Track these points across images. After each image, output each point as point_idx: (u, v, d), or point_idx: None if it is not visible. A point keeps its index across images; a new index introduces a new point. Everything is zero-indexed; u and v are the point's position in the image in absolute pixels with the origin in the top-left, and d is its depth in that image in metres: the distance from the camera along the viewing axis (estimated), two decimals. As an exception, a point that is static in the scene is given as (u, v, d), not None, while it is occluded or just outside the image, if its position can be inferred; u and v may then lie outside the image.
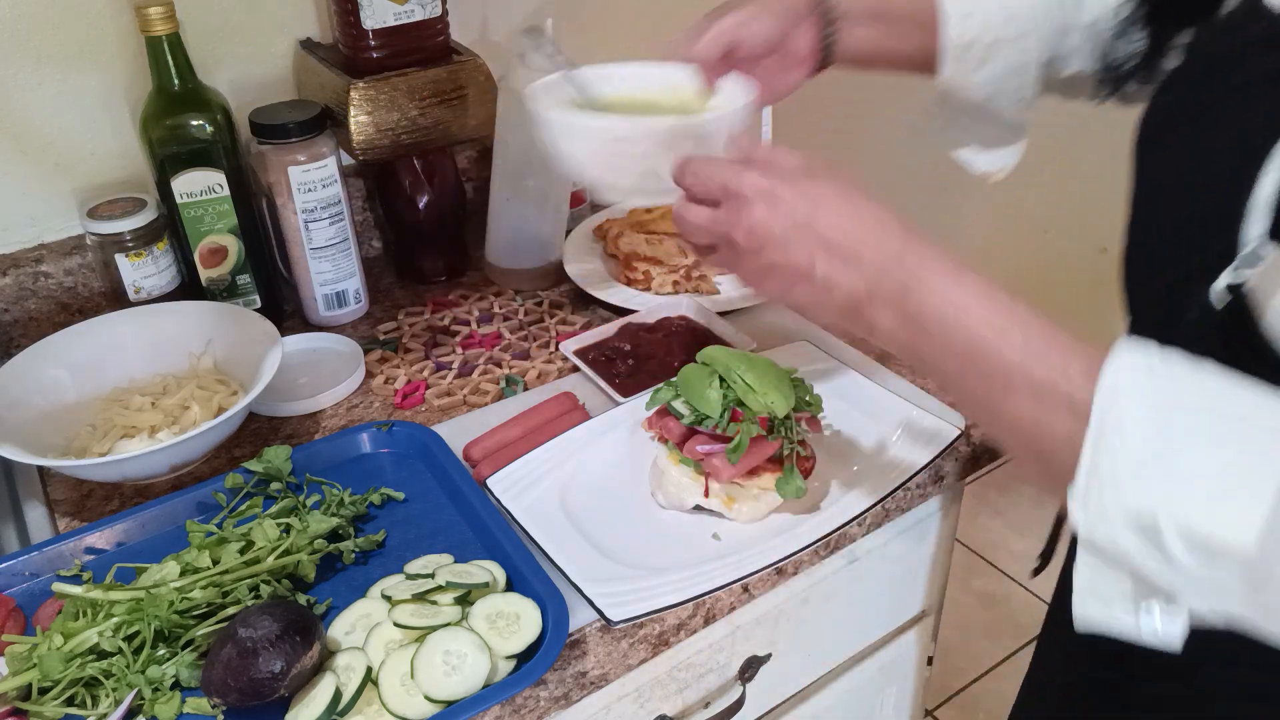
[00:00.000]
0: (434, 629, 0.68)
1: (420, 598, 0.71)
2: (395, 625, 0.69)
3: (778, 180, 0.62)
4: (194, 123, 0.97)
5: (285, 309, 1.12)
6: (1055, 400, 0.51)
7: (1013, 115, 0.84)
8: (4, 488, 0.92)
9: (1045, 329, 0.53)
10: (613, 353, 1.00)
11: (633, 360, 0.99)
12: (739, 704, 0.87)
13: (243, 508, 0.81)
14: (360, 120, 1.02)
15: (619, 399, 0.94)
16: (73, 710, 0.65)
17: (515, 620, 0.69)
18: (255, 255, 1.05)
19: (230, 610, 0.70)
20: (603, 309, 1.11)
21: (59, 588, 0.71)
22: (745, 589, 0.78)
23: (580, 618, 0.73)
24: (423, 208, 1.15)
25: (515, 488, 0.82)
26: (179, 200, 0.99)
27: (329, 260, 1.06)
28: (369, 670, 0.67)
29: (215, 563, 0.73)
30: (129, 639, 0.68)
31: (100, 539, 0.80)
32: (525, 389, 0.99)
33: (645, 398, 0.84)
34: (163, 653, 0.68)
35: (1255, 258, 0.51)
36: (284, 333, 0.96)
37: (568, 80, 0.78)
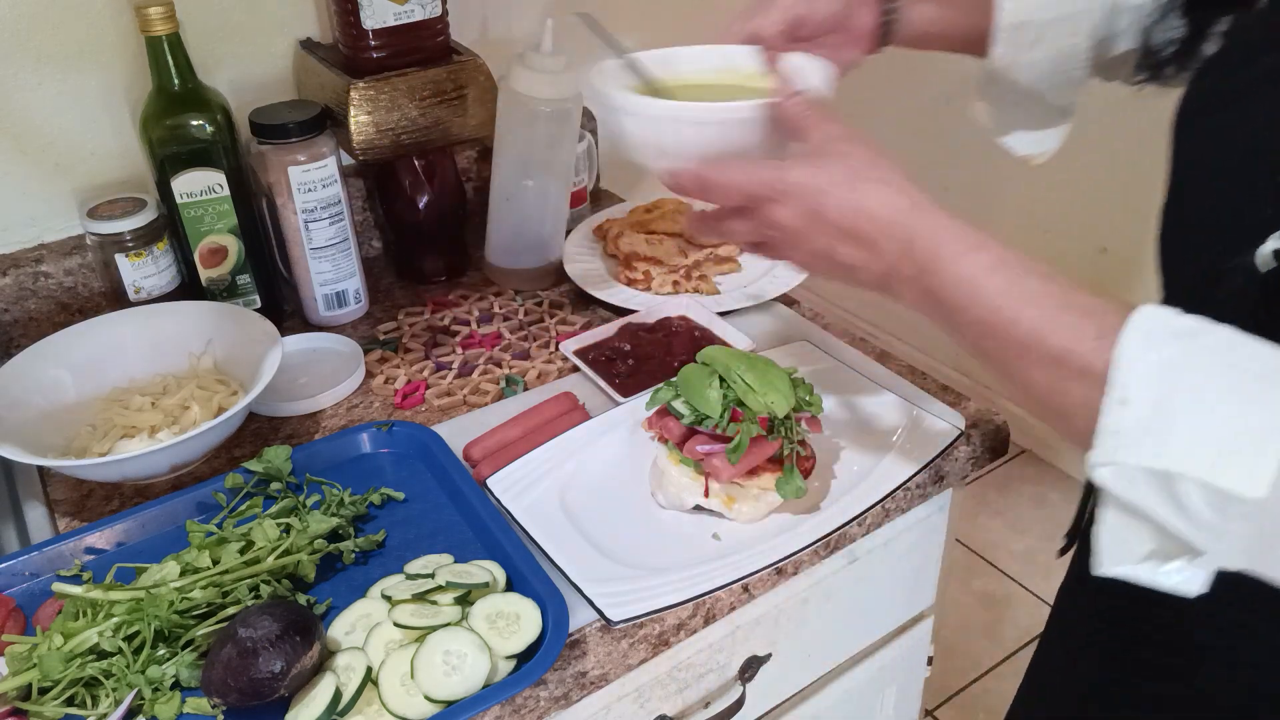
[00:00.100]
0: (434, 629, 0.68)
1: (420, 598, 0.71)
2: (395, 625, 0.69)
3: (786, 172, 0.63)
4: (194, 123, 0.97)
5: (285, 309, 1.12)
6: (1071, 367, 0.53)
7: (1061, 97, 0.83)
8: (4, 488, 0.92)
9: (1060, 294, 0.55)
10: (613, 353, 1.00)
11: (633, 360, 0.99)
12: (739, 704, 0.87)
13: (243, 508, 0.81)
14: (360, 120, 1.02)
15: (619, 399, 0.94)
16: (73, 710, 0.65)
17: (515, 620, 0.69)
18: (255, 255, 1.05)
19: (230, 610, 0.70)
20: (603, 309, 1.11)
21: (59, 588, 0.71)
22: (745, 589, 0.78)
23: (580, 618, 0.73)
24: (423, 208, 1.15)
25: (515, 488, 0.82)
26: (179, 200, 0.99)
27: (329, 260, 1.06)
28: (369, 670, 0.67)
29: (215, 563, 0.73)
30: (129, 639, 0.68)
31: (100, 539, 0.80)
32: (525, 389, 0.99)
33: (645, 398, 0.84)
34: (163, 653, 0.68)
35: None
36: (284, 333, 0.96)
37: (628, 65, 0.76)
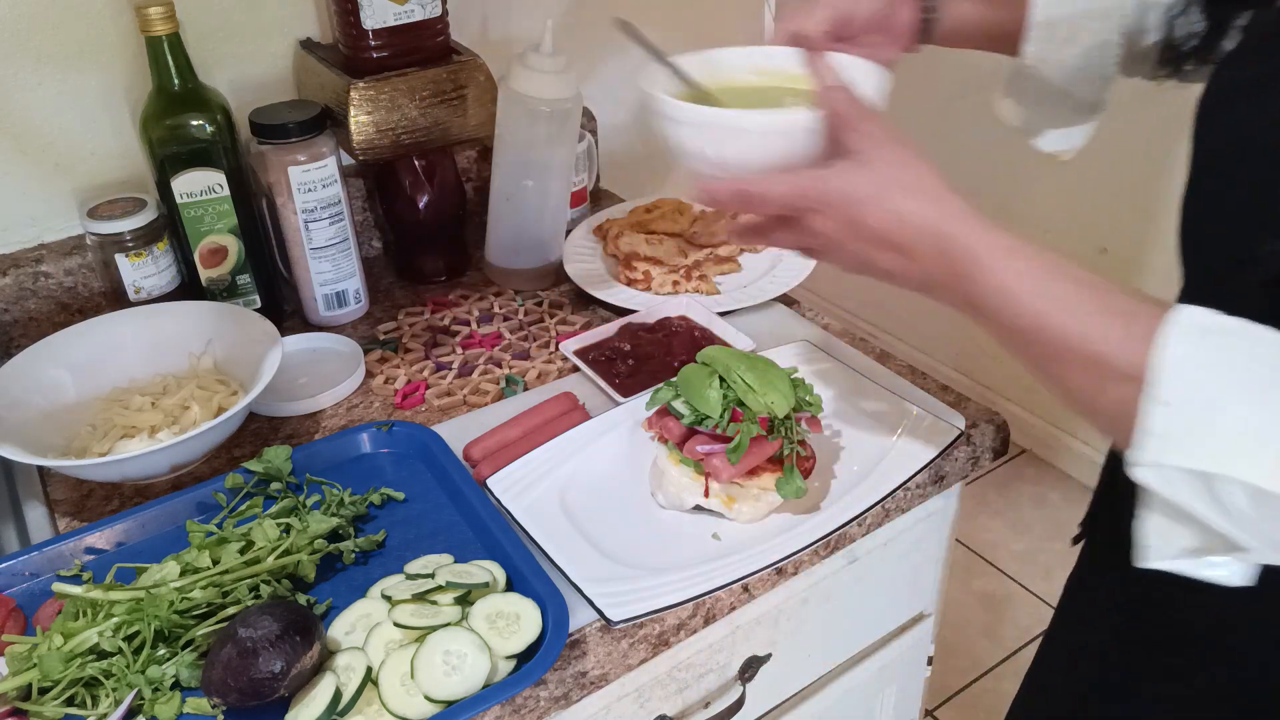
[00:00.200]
0: (434, 629, 0.68)
1: (420, 598, 0.71)
2: (395, 625, 0.69)
3: (825, 182, 0.63)
4: (194, 123, 0.97)
5: (285, 309, 1.12)
6: (1108, 370, 0.53)
7: (1091, 93, 0.83)
8: (4, 488, 0.92)
9: (1096, 298, 0.55)
10: (613, 353, 1.00)
11: (633, 360, 0.99)
12: (739, 704, 0.87)
13: (243, 508, 0.81)
14: (360, 120, 1.02)
15: (619, 399, 0.94)
16: (73, 710, 0.65)
17: (515, 620, 0.69)
18: (255, 255, 1.05)
19: (230, 610, 0.70)
20: (603, 309, 1.11)
21: (59, 588, 0.71)
22: (745, 589, 0.78)
23: (580, 618, 0.73)
24: (423, 208, 1.15)
25: (515, 488, 0.82)
26: (179, 200, 0.99)
27: (329, 260, 1.06)
28: (369, 670, 0.67)
29: (215, 563, 0.73)
30: (129, 639, 0.68)
31: (100, 539, 0.80)
32: (525, 389, 0.99)
33: (645, 398, 0.84)
34: (163, 653, 0.68)
35: None
36: (284, 333, 0.96)
37: (672, 71, 0.75)
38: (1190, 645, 0.70)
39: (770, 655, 0.89)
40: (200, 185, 0.99)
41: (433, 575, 0.72)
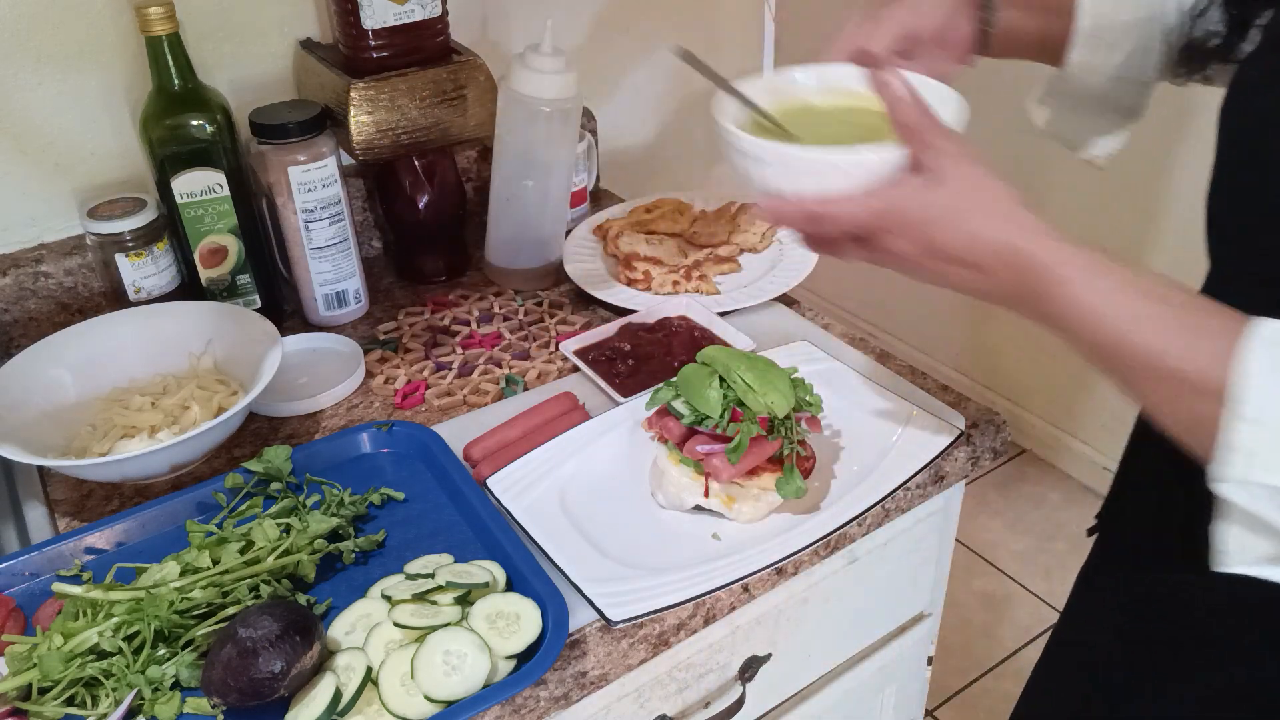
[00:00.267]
0: (434, 629, 0.68)
1: (420, 598, 0.71)
2: (395, 625, 0.69)
3: (898, 203, 0.63)
4: (194, 123, 0.97)
5: (285, 309, 1.12)
6: (1189, 386, 0.54)
7: (1131, 99, 0.83)
8: (4, 488, 0.92)
9: (1176, 314, 0.55)
10: (613, 353, 1.00)
11: (633, 360, 0.99)
12: (739, 704, 0.87)
13: (243, 508, 0.81)
14: (360, 120, 1.02)
15: (619, 399, 0.94)
16: (73, 710, 0.65)
17: (515, 620, 0.69)
18: (255, 255, 1.05)
19: (230, 610, 0.70)
20: (603, 309, 1.11)
21: (59, 588, 0.71)
22: (745, 589, 0.78)
23: (580, 618, 0.73)
24: (423, 208, 1.15)
25: (515, 488, 0.82)
26: (179, 200, 0.99)
27: (329, 260, 1.06)
28: (369, 670, 0.67)
29: (215, 563, 0.73)
30: (129, 639, 0.68)
31: (100, 539, 0.80)
32: (525, 389, 0.99)
33: (645, 398, 0.84)
34: (163, 653, 0.68)
35: None
36: (284, 333, 0.96)
37: (737, 98, 0.73)
38: (1208, 645, 0.71)
39: (770, 655, 0.89)
40: (200, 185, 0.99)
41: (433, 575, 0.72)
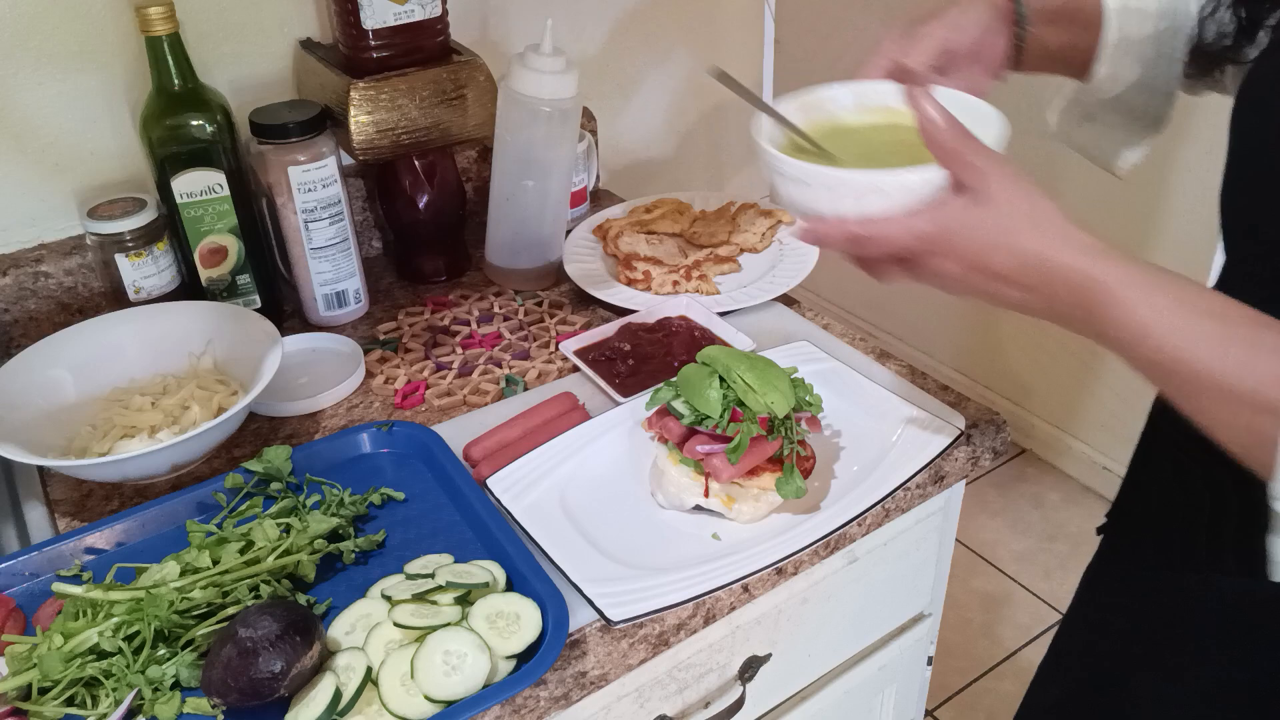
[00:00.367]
0: (434, 629, 0.68)
1: (420, 598, 0.71)
2: (395, 625, 0.69)
3: (943, 224, 0.62)
4: (194, 123, 0.97)
5: (285, 309, 1.12)
6: (1246, 403, 0.54)
7: (1155, 109, 0.82)
8: (4, 488, 0.92)
9: (1231, 330, 0.55)
10: (613, 353, 1.00)
11: (633, 360, 0.99)
12: (739, 704, 0.87)
13: (243, 508, 0.81)
14: (360, 120, 1.02)
15: (619, 399, 0.94)
16: (73, 710, 0.65)
17: (515, 620, 0.69)
18: (255, 255, 1.05)
19: (230, 610, 0.70)
20: (603, 309, 1.11)
21: (59, 588, 0.71)
22: (745, 589, 0.78)
23: (580, 618, 0.73)
24: (423, 208, 1.15)
25: (515, 488, 0.82)
26: (179, 200, 0.99)
27: (329, 260, 1.06)
28: (369, 670, 0.67)
29: (215, 563, 0.73)
30: (129, 639, 0.68)
31: (100, 539, 0.80)
32: (525, 389, 0.99)
33: (645, 398, 0.84)
34: (163, 653, 0.68)
35: None
36: (284, 333, 0.96)
37: (774, 117, 0.72)
38: (1208, 642, 0.71)
39: (770, 655, 0.89)
40: (200, 185, 0.99)
41: (433, 575, 0.72)
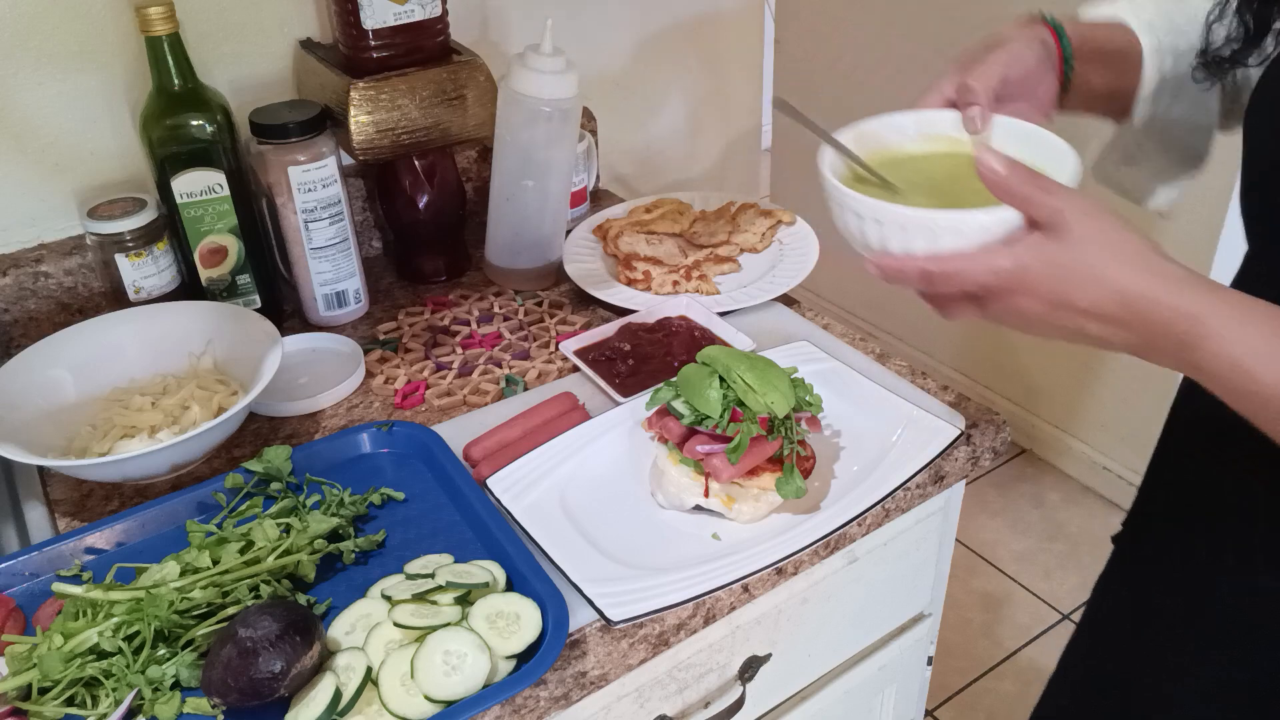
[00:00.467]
0: (434, 629, 0.68)
1: (420, 598, 0.71)
2: (395, 625, 0.69)
3: (1022, 260, 0.60)
4: (194, 123, 0.97)
5: (285, 309, 1.12)
6: None
7: (1195, 145, 0.82)
8: (4, 488, 0.92)
9: None
10: (613, 353, 1.00)
11: (633, 360, 0.99)
12: (739, 704, 0.87)
13: (243, 508, 0.81)
14: (360, 120, 1.02)
15: (619, 399, 0.94)
16: (73, 710, 0.65)
17: (515, 620, 0.69)
18: (255, 255, 1.05)
19: (230, 610, 0.70)
20: (603, 309, 1.11)
21: (59, 588, 0.71)
22: (745, 589, 0.78)
23: (580, 618, 0.73)
24: (423, 208, 1.15)
25: (515, 488, 0.82)
26: (179, 200, 0.99)
27: (329, 260, 1.06)
28: (369, 670, 0.67)
29: (215, 563, 0.73)
30: (129, 639, 0.68)
31: (100, 539, 0.80)
32: (525, 389, 0.99)
33: (645, 398, 0.84)
34: (163, 653, 0.68)
35: None
36: (284, 333, 0.96)
37: (837, 149, 0.71)
38: (1213, 641, 0.71)
39: (770, 655, 0.89)
40: (200, 185, 0.99)
41: (433, 575, 0.72)
